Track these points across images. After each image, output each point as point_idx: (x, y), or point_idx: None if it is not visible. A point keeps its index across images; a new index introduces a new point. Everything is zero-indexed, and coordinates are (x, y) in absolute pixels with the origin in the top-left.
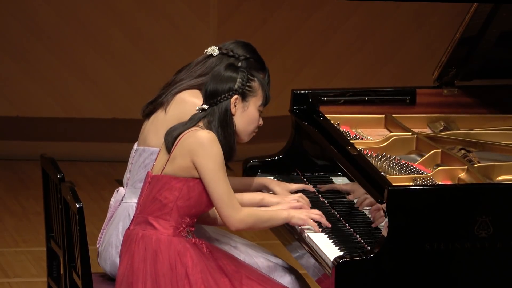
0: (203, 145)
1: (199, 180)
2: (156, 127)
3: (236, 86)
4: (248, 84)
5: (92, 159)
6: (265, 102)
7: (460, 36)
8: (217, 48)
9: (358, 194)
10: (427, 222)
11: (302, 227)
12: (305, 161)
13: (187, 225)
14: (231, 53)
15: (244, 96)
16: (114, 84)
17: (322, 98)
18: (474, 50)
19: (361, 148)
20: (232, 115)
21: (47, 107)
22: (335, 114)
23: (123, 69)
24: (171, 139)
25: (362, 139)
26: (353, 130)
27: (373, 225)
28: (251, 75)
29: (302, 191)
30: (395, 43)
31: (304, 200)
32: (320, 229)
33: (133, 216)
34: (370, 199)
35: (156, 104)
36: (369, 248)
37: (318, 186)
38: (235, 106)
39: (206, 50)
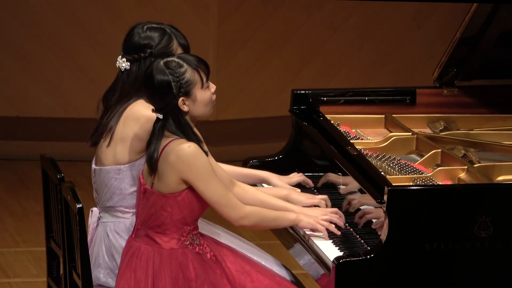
0: (188, 161)
1: (186, 191)
2: (112, 147)
3: (175, 91)
4: (183, 81)
5: (92, 159)
6: (207, 76)
7: (460, 36)
8: (125, 60)
9: (352, 187)
10: (427, 222)
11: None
12: (305, 161)
13: (188, 232)
14: (138, 56)
15: (187, 93)
16: None
17: (322, 98)
18: (474, 50)
19: (361, 148)
20: (185, 113)
21: (47, 107)
22: (335, 114)
23: None
24: (154, 159)
25: (362, 139)
26: (353, 130)
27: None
28: (179, 66)
29: (301, 186)
30: (395, 43)
31: (327, 202)
32: (328, 237)
33: (135, 225)
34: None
35: (100, 133)
36: (369, 248)
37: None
38: (184, 104)
39: (117, 65)
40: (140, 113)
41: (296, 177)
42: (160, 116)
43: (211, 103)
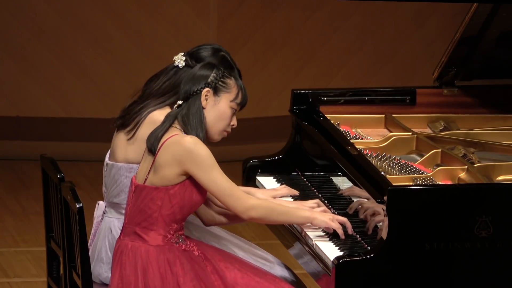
0: (191, 151)
1: (179, 185)
2: (125, 144)
3: (209, 80)
4: (222, 79)
5: (92, 159)
6: (241, 102)
7: (460, 36)
8: (184, 59)
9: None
10: (427, 222)
11: (303, 227)
12: (305, 161)
13: (175, 231)
14: (193, 64)
15: (216, 90)
16: (114, 84)
17: (322, 98)
18: (474, 50)
19: (361, 148)
20: (202, 107)
21: (47, 107)
22: (335, 114)
23: (123, 69)
24: (155, 143)
25: (362, 139)
26: (353, 130)
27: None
28: (228, 74)
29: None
30: (395, 43)
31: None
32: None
33: (122, 226)
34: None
35: (125, 120)
36: (369, 248)
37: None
38: (206, 99)
39: (174, 58)
40: (157, 118)
41: (281, 189)
42: (180, 103)
43: (226, 123)
